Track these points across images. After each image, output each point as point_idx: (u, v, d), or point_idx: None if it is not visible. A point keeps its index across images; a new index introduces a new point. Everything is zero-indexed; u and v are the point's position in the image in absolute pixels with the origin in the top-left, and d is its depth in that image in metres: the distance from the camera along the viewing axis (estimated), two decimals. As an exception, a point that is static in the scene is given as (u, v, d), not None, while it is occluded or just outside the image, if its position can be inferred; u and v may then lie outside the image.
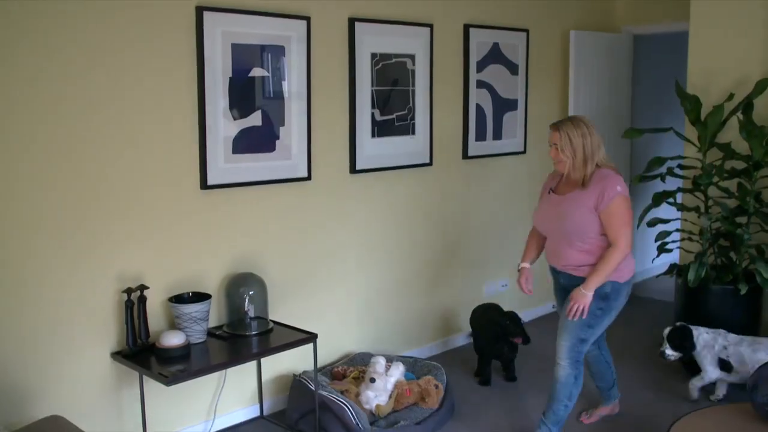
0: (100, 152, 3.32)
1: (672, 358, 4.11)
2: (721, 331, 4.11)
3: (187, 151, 3.61)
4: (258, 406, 4.06)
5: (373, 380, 3.87)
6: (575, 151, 3.38)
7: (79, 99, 3.22)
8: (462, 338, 5.17)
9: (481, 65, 5.05)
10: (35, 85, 3.09)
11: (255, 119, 3.83)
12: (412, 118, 4.63)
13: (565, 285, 3.59)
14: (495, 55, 5.14)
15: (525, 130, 5.47)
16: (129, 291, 3.38)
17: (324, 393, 3.74)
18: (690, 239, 4.71)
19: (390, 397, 3.90)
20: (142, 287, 3.42)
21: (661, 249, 4.73)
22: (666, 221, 4.71)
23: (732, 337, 4.07)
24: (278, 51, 3.87)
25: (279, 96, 3.92)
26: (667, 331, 4.13)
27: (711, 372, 4.08)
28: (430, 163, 4.80)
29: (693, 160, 4.71)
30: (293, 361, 4.11)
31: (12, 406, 3.14)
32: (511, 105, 5.32)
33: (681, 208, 4.75)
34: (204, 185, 3.67)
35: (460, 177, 5.06)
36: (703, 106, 4.62)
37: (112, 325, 3.45)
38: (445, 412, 3.95)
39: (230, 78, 3.69)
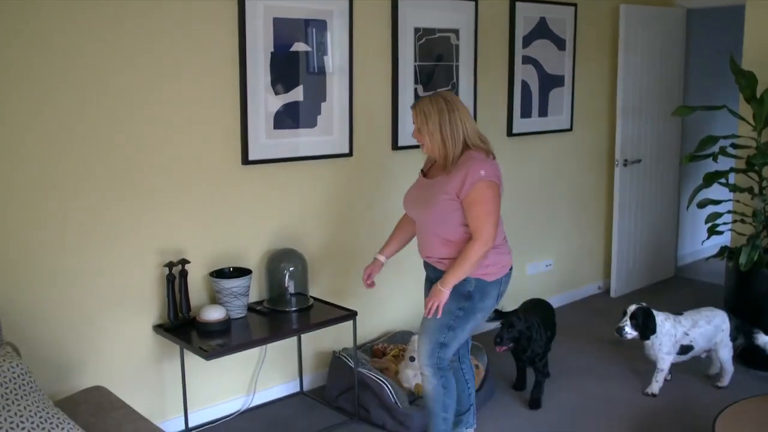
0: (143, 127, 3.33)
1: (629, 336, 3.91)
2: (670, 315, 4.01)
3: (229, 127, 3.60)
4: (298, 381, 4.08)
5: (412, 359, 3.84)
6: (431, 131, 2.99)
7: (122, 75, 3.23)
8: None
9: (527, 40, 4.93)
10: (78, 61, 3.10)
11: (296, 94, 3.80)
12: (456, 94, 4.54)
13: (432, 279, 3.21)
14: (542, 30, 5.02)
15: (572, 107, 5.35)
16: (170, 265, 3.40)
17: (363, 371, 3.73)
18: (742, 221, 4.56)
19: (429, 375, 3.87)
20: (184, 261, 3.44)
21: (712, 231, 4.59)
22: (717, 202, 4.57)
23: (684, 320, 4.00)
24: (320, 25, 3.83)
25: (321, 71, 3.88)
26: (632, 308, 3.92)
27: (667, 360, 3.98)
28: (474, 141, 4.72)
29: (747, 139, 4.54)
30: (333, 337, 4.11)
31: (56, 376, 3.20)
32: (558, 81, 5.20)
33: (733, 188, 4.59)
34: (245, 160, 3.66)
35: (504, 154, 4.95)
36: (759, 83, 4.44)
37: (154, 298, 3.48)
38: (484, 393, 3.91)
39: (272, 53, 3.66)
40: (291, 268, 3.72)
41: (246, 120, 3.62)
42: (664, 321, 3.93)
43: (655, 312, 3.94)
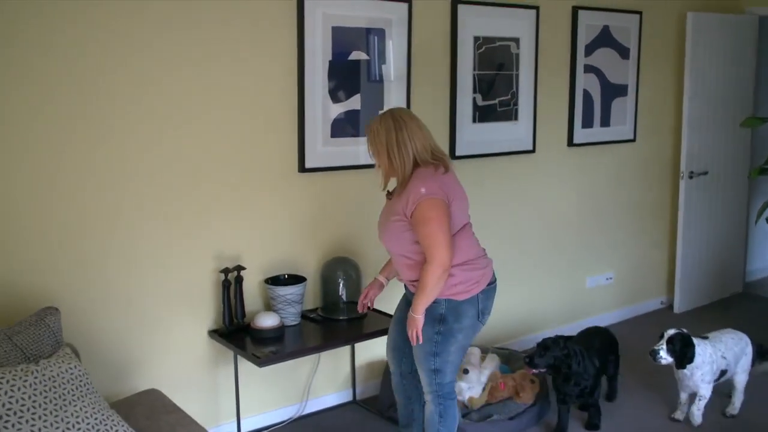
0: (201, 134, 3.37)
1: (663, 362, 3.60)
2: (704, 341, 3.70)
3: (286, 134, 3.62)
4: (351, 390, 4.07)
5: (466, 371, 3.79)
6: (380, 151, 2.90)
7: (180, 83, 3.28)
8: (561, 332, 5.00)
9: (590, 49, 4.84)
10: (138, 72, 3.16)
11: (354, 103, 3.80)
12: (515, 104, 4.49)
13: (409, 301, 3.08)
14: (605, 39, 4.91)
15: (635, 117, 5.22)
16: (226, 271, 3.43)
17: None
18: (815, 237, 4.37)
19: (483, 389, 3.81)
20: (239, 268, 3.47)
21: (782, 246, 4.41)
22: (788, 217, 4.39)
23: (717, 343, 3.73)
24: (379, 34, 3.83)
25: (378, 79, 3.87)
26: (670, 332, 3.61)
27: (709, 388, 3.71)
28: (533, 150, 4.65)
29: (822, 151, 4.35)
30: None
31: (113, 377, 3.26)
32: (621, 91, 5.08)
33: (806, 203, 4.41)
34: (302, 168, 3.68)
35: (564, 165, 4.88)
36: (835, 93, 4.26)
37: (209, 303, 3.51)
38: (540, 408, 3.82)
39: (330, 61, 3.67)
40: (345, 277, 3.71)
41: (303, 128, 3.64)
42: (704, 348, 3.65)
43: (693, 338, 3.64)
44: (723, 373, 3.77)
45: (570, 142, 4.86)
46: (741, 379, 3.84)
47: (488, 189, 4.49)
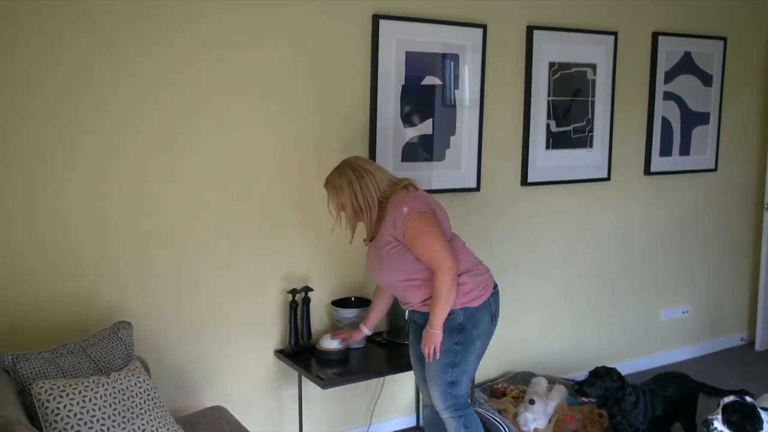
0: (272, 157, 3.43)
1: None
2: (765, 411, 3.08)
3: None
4: (415, 416, 4.03)
5: (532, 402, 3.72)
6: (344, 205, 2.98)
7: (251, 108, 3.35)
8: (634, 365, 4.86)
9: (670, 75, 4.72)
10: (217, 98, 3.25)
11: (426, 128, 3.81)
12: (590, 131, 4.41)
13: (420, 323, 3.11)
14: (686, 65, 4.78)
15: (717, 145, 5.05)
16: (294, 292, 3.47)
17: (480, 410, 3.64)
18: None
19: (549, 421, 3.73)
20: (307, 289, 3.50)
21: None
22: None
23: None
24: (452, 59, 3.83)
25: (451, 105, 3.87)
26: (727, 400, 3.06)
27: None
28: (608, 178, 4.55)
29: None
30: (452, 373, 4.04)
31: (181, 392, 3.32)
32: (702, 119, 4.93)
33: None
34: (372, 192, 3.69)
35: (640, 194, 4.76)
36: None
37: (276, 323, 3.55)
38: (608, 443, 3.72)
39: (403, 86, 3.69)
40: (412, 301, 3.70)
41: (375, 151, 3.66)
42: None
43: (758, 406, 3.07)
44: None
45: (647, 171, 4.74)
46: None
47: (561, 217, 4.42)
